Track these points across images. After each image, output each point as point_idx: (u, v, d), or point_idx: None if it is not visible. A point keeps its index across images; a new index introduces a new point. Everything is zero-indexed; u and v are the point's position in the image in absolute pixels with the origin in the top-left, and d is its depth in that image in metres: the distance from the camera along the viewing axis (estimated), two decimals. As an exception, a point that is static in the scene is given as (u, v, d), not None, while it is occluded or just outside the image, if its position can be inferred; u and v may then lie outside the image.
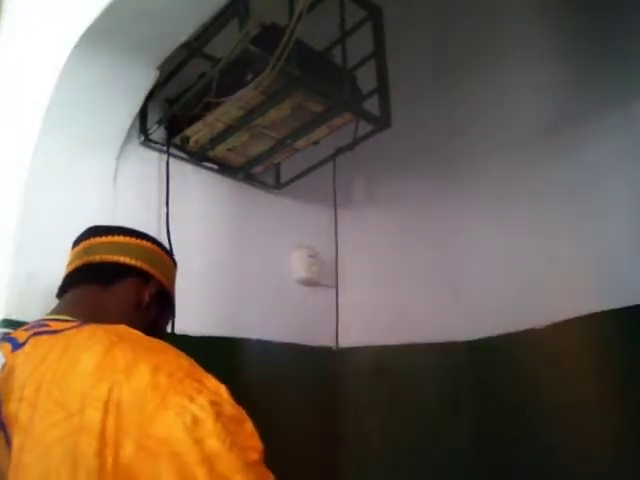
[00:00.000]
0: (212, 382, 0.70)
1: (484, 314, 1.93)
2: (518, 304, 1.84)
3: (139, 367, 0.68)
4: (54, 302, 1.01)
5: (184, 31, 1.43)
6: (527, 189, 1.91)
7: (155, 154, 1.73)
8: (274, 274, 1.98)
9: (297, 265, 2.02)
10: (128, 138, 1.62)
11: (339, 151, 1.90)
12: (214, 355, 1.69)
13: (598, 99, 1.76)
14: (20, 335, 0.84)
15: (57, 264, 1.09)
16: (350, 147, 1.86)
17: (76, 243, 1.04)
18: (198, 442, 0.62)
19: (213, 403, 0.66)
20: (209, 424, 0.64)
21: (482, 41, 2.11)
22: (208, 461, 0.62)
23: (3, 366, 0.81)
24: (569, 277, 1.73)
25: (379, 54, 1.73)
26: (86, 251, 1.00)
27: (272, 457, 0.69)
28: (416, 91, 2.18)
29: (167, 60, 1.52)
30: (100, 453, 0.64)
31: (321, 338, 2.02)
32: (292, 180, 2.01)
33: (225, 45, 1.43)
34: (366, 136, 1.79)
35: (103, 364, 0.70)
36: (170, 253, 1.10)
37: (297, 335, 1.94)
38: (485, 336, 1.90)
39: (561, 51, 1.89)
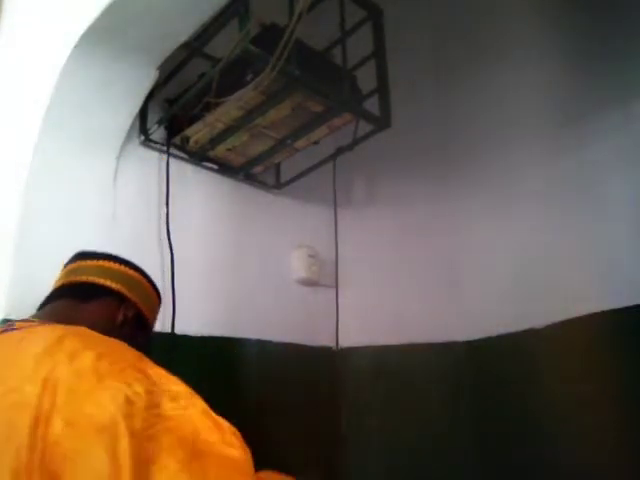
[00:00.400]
0: (156, 371, 0.72)
1: (484, 314, 1.93)
2: (518, 304, 1.84)
3: (84, 353, 0.71)
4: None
5: (184, 31, 1.43)
6: (527, 189, 1.91)
7: (155, 154, 1.73)
8: (274, 274, 1.98)
9: (297, 265, 2.02)
10: (128, 138, 1.62)
11: (339, 151, 1.90)
12: (214, 355, 1.70)
13: (598, 99, 1.76)
14: None
15: (57, 264, 1.10)
16: (350, 147, 1.86)
17: (65, 265, 1.09)
18: (127, 417, 0.64)
19: (149, 392, 0.67)
20: (140, 404, 0.65)
21: (482, 41, 2.11)
22: (135, 436, 0.63)
23: None
24: (569, 277, 1.72)
25: (379, 54, 1.73)
26: (72, 272, 1.06)
27: (272, 457, 0.69)
28: (416, 91, 2.18)
29: (167, 60, 1.52)
30: (33, 430, 0.64)
31: (321, 338, 2.02)
32: (292, 180, 2.01)
33: (225, 45, 1.42)
34: (366, 136, 1.79)
35: (51, 349, 0.72)
36: (154, 284, 1.13)
37: (297, 335, 1.93)
38: (485, 336, 1.90)
39: (561, 51, 1.89)
